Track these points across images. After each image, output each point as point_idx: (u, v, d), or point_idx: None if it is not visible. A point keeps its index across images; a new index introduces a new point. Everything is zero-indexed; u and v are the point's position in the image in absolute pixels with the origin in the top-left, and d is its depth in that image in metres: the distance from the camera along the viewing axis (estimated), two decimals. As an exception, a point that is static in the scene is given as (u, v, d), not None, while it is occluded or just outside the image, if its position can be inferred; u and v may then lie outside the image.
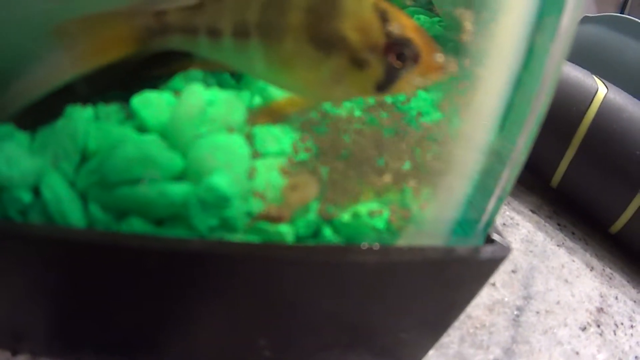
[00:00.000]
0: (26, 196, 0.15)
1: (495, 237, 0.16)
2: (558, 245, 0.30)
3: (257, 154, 0.15)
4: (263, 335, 0.16)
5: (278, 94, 0.17)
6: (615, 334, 0.26)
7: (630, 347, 0.26)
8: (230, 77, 0.19)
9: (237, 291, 0.15)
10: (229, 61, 0.16)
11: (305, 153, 0.15)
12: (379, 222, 0.14)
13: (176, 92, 0.17)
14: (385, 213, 0.14)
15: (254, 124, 0.16)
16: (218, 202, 0.14)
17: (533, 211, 0.32)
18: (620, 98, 0.29)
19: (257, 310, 0.15)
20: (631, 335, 0.26)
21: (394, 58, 0.14)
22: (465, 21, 0.14)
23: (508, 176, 0.15)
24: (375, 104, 0.16)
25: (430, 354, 0.21)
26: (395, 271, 0.14)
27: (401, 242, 0.14)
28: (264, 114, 0.16)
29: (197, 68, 0.18)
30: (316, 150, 0.15)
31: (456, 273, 0.15)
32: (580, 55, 0.36)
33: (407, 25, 0.14)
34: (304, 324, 0.16)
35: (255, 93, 0.18)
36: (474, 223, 0.16)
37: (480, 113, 0.14)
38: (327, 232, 0.14)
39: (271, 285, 0.14)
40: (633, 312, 0.28)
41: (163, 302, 0.15)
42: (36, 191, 0.15)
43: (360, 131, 0.15)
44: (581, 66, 0.32)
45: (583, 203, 0.31)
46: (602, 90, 0.29)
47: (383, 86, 0.14)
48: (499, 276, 0.26)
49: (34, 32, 0.17)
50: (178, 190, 0.14)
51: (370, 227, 0.14)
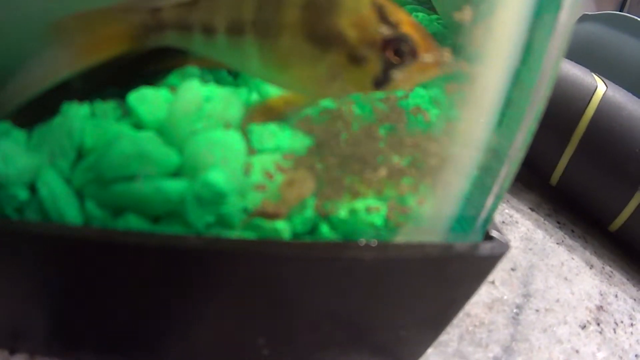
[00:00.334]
0: (22, 193, 0.15)
1: (494, 234, 0.16)
2: (557, 243, 0.30)
3: (254, 151, 0.15)
4: (261, 333, 0.16)
5: (275, 91, 0.17)
6: (615, 332, 0.26)
7: (630, 345, 0.25)
8: (227, 74, 0.19)
9: (235, 289, 0.14)
10: (224, 58, 0.16)
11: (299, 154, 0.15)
12: (377, 219, 0.14)
13: (172, 89, 0.17)
14: (382, 209, 0.14)
15: (251, 123, 0.16)
16: (214, 198, 0.14)
17: (532, 209, 0.31)
18: (619, 96, 0.29)
19: (255, 308, 0.15)
20: (631, 333, 0.26)
21: (392, 54, 0.14)
22: (463, 18, 0.14)
23: (506, 172, 0.15)
24: (373, 100, 0.16)
25: (429, 352, 0.21)
26: (393, 268, 0.14)
27: (399, 239, 0.14)
28: (261, 113, 0.16)
29: (193, 65, 0.18)
30: (314, 146, 0.14)
31: (455, 270, 0.15)
32: (579, 53, 0.36)
33: (405, 21, 0.14)
34: (302, 322, 0.15)
35: (252, 90, 0.18)
36: (473, 220, 0.15)
37: (478, 109, 0.14)
38: (324, 229, 0.14)
39: (268, 282, 0.14)
40: (633, 310, 0.28)
41: (159, 301, 0.15)
42: (33, 189, 0.15)
43: (358, 127, 0.15)
44: (580, 64, 0.32)
45: (582, 201, 0.31)
46: (602, 87, 0.29)
47: (381, 82, 0.14)
48: (498, 274, 0.26)
49: (32, 30, 0.17)
50: (174, 186, 0.14)
51: (367, 224, 0.14)
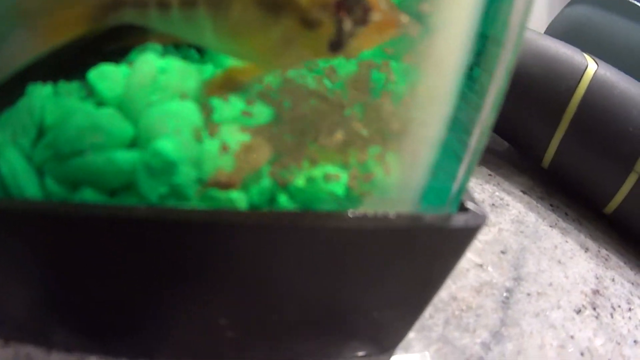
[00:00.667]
0: (-15, 172, 0.14)
1: (469, 206, 0.15)
2: (550, 226, 0.28)
3: (211, 122, 0.14)
4: (223, 314, 0.15)
5: (235, 65, 0.16)
6: (612, 317, 0.25)
7: (628, 331, 0.24)
8: (195, 52, 0.18)
9: (189, 264, 0.13)
10: (181, 32, 0.16)
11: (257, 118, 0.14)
12: (337, 188, 0.13)
13: (131, 64, 0.16)
14: (343, 177, 0.13)
15: (211, 96, 0.15)
16: (164, 168, 0.13)
17: (524, 192, 0.30)
18: (611, 74, 0.28)
19: (212, 285, 0.14)
20: (629, 318, 0.25)
21: (346, 15, 0.13)
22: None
23: (477, 140, 0.14)
24: (332, 66, 0.15)
25: (411, 337, 0.20)
26: (357, 240, 0.13)
27: (364, 210, 0.13)
28: (219, 85, 0.15)
29: (154, 42, 0.17)
30: (271, 115, 0.14)
31: (426, 243, 0.14)
32: (570, 36, 0.35)
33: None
34: (264, 302, 0.14)
35: (218, 67, 0.17)
36: (445, 191, 0.14)
37: (441, 71, 0.13)
38: (283, 199, 0.13)
39: (221, 256, 0.13)
40: (631, 295, 0.26)
41: (112, 277, 0.14)
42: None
43: (317, 93, 0.14)
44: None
45: (576, 183, 0.29)
46: (592, 66, 0.28)
47: (336, 45, 0.13)
48: (488, 257, 0.25)
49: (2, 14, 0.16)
50: (126, 157, 0.14)
51: (327, 193, 0.13)
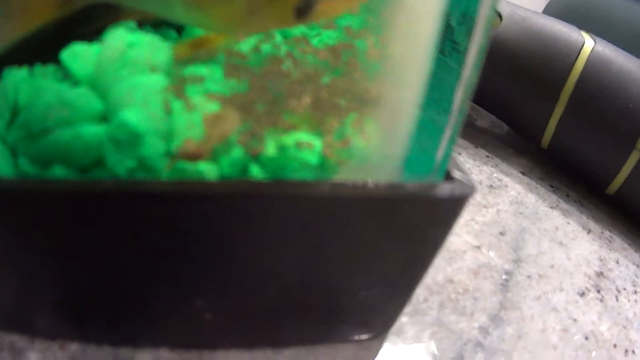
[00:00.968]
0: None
1: (456, 175, 0.14)
2: (551, 207, 0.27)
3: (181, 93, 0.13)
4: (199, 293, 0.14)
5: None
6: (617, 300, 0.23)
7: (634, 314, 0.23)
8: (174, 32, 0.18)
9: (159, 240, 0.13)
10: (150, 7, 0.15)
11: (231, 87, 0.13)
12: (311, 156, 0.12)
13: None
14: (317, 145, 0.12)
15: (180, 57, 0.14)
16: (130, 139, 0.12)
17: (523, 173, 0.29)
18: (608, 50, 0.27)
19: (184, 263, 0.13)
20: (635, 301, 0.24)
21: None
22: None
23: (460, 100, 0.13)
24: (306, 34, 0.14)
25: (404, 322, 0.19)
26: (333, 211, 0.12)
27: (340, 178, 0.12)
28: (189, 45, 0.14)
29: (127, 19, 0.16)
30: (243, 84, 0.13)
31: (410, 214, 0.13)
32: (568, 17, 0.33)
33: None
34: (241, 280, 0.14)
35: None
36: (429, 159, 0.13)
37: (417, 32, 0.12)
38: (255, 170, 0.12)
39: (191, 231, 0.12)
40: (636, 277, 0.25)
41: (86, 257, 0.13)
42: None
43: (290, 61, 0.13)
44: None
45: (576, 163, 0.28)
46: (589, 43, 0.27)
47: (302, 12, 0.12)
48: (485, 238, 0.24)
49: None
50: (92, 131, 0.13)
51: (300, 162, 0.12)
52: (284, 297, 0.14)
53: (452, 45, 0.13)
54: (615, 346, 0.21)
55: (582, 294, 0.23)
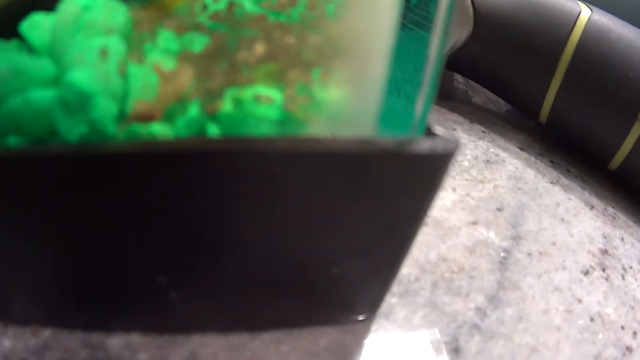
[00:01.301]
0: None
1: (437, 131, 0.12)
2: (551, 183, 0.26)
3: (138, 55, 0.12)
4: (160, 270, 0.13)
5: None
6: (623, 279, 0.22)
7: (642, 293, 0.21)
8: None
9: (113, 210, 0.11)
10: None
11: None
12: (271, 111, 0.11)
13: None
14: (277, 99, 0.11)
15: (145, 20, 0.13)
16: (80, 101, 0.11)
17: (521, 148, 0.28)
18: (606, 19, 0.25)
19: (143, 235, 0.12)
20: (643, 279, 0.22)
21: None
22: None
23: (437, 46, 0.11)
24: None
25: (393, 303, 0.18)
26: (296, 170, 0.11)
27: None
28: (153, 7, 0.13)
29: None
30: (204, 43, 0.12)
31: (383, 175, 0.12)
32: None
33: None
34: (203, 253, 0.12)
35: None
36: (406, 114, 0.12)
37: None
38: (212, 128, 0.11)
39: (144, 198, 0.11)
40: (643, 255, 0.24)
41: (46, 234, 0.12)
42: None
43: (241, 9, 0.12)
44: None
45: (577, 138, 0.27)
46: (586, 12, 0.26)
47: None
48: (482, 214, 0.22)
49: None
50: (41, 95, 0.12)
51: (259, 117, 0.11)
52: (250, 272, 0.13)
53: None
54: (622, 328, 0.19)
55: (587, 273, 0.21)
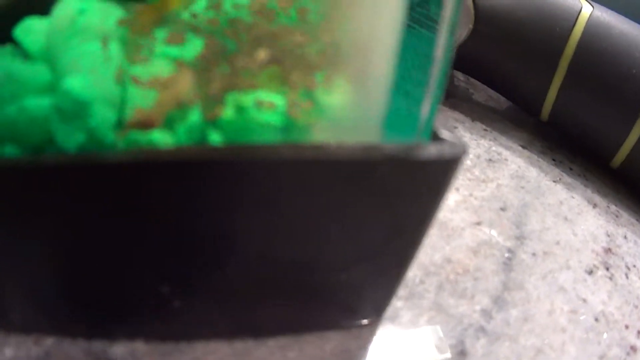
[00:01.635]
0: None
1: (444, 135, 0.12)
2: (554, 181, 0.25)
3: (136, 60, 0.12)
4: (163, 280, 0.12)
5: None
6: (627, 278, 0.22)
7: (646, 292, 0.21)
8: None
9: (115, 220, 0.11)
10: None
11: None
12: (274, 117, 0.11)
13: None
14: (280, 105, 0.11)
15: (145, 23, 0.13)
16: (77, 109, 0.11)
17: (524, 147, 0.27)
18: (607, 15, 0.25)
19: (146, 245, 0.12)
20: (646, 278, 0.22)
21: None
22: None
23: (443, 46, 0.11)
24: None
25: (399, 306, 0.17)
26: (300, 177, 0.11)
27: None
28: (152, 10, 0.13)
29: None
30: (197, 45, 0.11)
31: (392, 180, 0.11)
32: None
33: None
34: (206, 262, 0.12)
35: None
36: (412, 118, 0.12)
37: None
38: (214, 136, 0.11)
39: (146, 207, 0.11)
40: (646, 253, 0.23)
41: (49, 243, 0.12)
42: None
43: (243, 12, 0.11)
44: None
45: (579, 136, 0.26)
46: (587, 8, 0.25)
47: None
48: (485, 214, 0.22)
49: None
50: (37, 103, 0.11)
51: (261, 123, 0.10)
52: (255, 279, 0.13)
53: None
54: (627, 327, 0.19)
55: (591, 272, 0.21)
